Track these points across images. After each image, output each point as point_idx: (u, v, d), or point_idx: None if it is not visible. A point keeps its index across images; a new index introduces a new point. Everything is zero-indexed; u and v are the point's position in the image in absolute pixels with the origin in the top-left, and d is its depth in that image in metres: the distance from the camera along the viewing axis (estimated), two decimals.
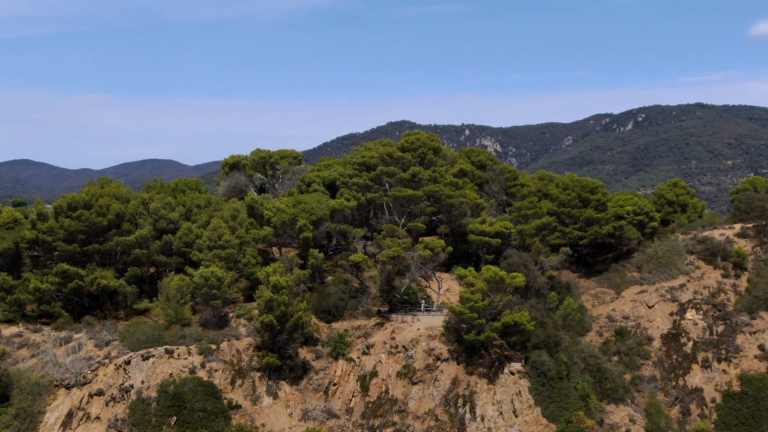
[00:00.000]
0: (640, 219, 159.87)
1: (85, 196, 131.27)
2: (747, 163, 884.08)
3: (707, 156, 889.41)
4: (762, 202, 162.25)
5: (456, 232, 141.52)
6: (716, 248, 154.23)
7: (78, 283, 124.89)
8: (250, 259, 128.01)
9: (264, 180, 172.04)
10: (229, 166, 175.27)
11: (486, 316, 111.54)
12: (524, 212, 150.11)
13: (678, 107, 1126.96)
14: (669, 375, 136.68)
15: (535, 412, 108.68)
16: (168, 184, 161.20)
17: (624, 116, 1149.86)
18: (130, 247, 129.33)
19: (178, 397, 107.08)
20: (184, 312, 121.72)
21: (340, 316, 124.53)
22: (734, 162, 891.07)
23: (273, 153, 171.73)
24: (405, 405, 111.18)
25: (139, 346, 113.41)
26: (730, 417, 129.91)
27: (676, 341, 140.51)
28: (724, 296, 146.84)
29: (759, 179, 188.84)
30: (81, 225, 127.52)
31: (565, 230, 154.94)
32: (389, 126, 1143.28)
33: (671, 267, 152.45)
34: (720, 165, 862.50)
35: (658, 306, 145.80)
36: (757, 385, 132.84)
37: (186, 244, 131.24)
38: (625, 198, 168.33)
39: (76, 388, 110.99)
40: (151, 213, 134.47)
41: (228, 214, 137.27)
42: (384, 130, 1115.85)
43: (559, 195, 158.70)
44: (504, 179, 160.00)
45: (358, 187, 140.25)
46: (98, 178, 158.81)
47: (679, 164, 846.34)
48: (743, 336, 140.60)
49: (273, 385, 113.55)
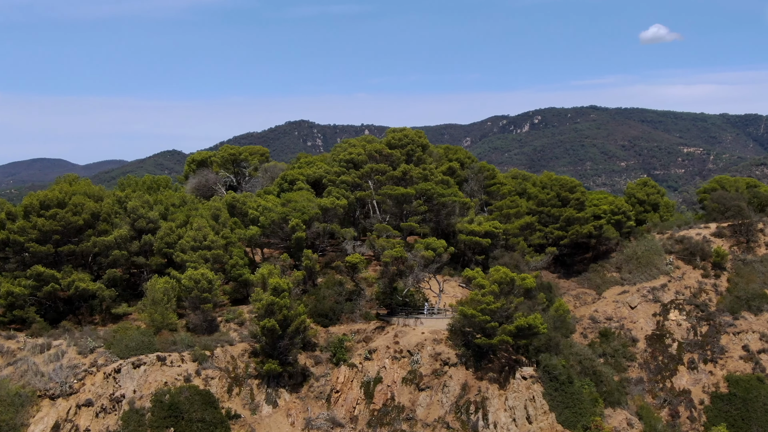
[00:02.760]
0: (617, 219, 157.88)
1: (58, 193, 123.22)
2: (640, 165, 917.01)
3: (602, 157, 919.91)
4: (738, 201, 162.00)
5: (443, 231, 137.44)
6: (695, 248, 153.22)
7: (54, 286, 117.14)
8: (238, 260, 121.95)
9: (229, 177, 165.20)
10: (196, 164, 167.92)
11: (497, 319, 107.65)
12: (506, 211, 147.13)
13: (573, 110, 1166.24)
14: (656, 377, 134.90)
15: (550, 418, 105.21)
16: (143, 181, 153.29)
17: (521, 118, 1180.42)
18: (109, 248, 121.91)
19: (174, 407, 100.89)
20: (170, 316, 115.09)
21: (337, 320, 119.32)
22: (628, 163, 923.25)
23: (242, 149, 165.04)
24: (413, 412, 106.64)
25: (129, 353, 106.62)
26: (720, 419, 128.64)
27: (661, 342, 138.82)
28: (706, 296, 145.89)
29: (726, 178, 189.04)
30: (56, 225, 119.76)
31: (544, 230, 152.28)
32: (288, 125, 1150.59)
33: (651, 267, 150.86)
34: (614, 166, 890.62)
35: (640, 307, 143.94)
36: (745, 386, 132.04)
37: (168, 244, 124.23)
38: (599, 197, 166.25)
39: (61, 399, 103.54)
40: (128, 212, 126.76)
41: (209, 213, 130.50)
42: (282, 130, 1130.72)
43: (537, 194, 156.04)
44: (483, 177, 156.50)
45: (347, 185, 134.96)
46: (64, 175, 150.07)
47: (575, 165, 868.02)
48: (727, 337, 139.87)
49: (272, 393, 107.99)
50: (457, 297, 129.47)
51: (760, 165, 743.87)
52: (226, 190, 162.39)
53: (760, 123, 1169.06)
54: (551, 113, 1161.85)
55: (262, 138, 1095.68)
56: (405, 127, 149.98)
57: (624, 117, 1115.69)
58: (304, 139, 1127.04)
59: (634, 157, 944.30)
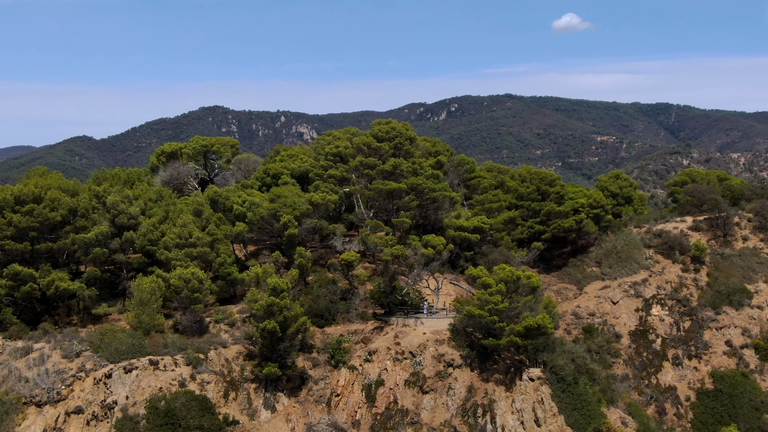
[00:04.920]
0: (596, 212, 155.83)
1: (34, 188, 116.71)
2: (555, 153, 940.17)
3: (518, 145, 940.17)
4: (713, 195, 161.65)
5: (432, 227, 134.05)
6: (673, 242, 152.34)
7: (32, 286, 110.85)
8: (226, 259, 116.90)
9: (200, 170, 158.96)
10: (166, 156, 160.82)
11: (504, 319, 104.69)
12: (488, 206, 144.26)
13: (489, 98, 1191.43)
14: (641, 373, 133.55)
15: (559, 421, 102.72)
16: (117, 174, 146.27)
17: (438, 106, 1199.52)
18: (89, 245, 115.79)
19: (170, 413, 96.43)
20: (158, 318, 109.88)
21: (332, 320, 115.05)
22: (543, 151, 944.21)
23: (213, 141, 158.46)
24: (417, 416, 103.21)
25: (119, 356, 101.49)
26: (707, 416, 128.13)
27: (645, 338, 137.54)
28: (687, 291, 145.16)
29: (696, 171, 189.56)
30: (33, 221, 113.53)
31: (525, 224, 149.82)
32: (202, 111, 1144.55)
33: (631, 261, 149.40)
34: (530, 154, 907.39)
35: (622, 302, 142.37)
36: (730, 382, 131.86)
37: (151, 241, 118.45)
38: (575, 190, 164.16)
39: (49, 406, 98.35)
40: (108, 207, 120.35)
41: (189, 208, 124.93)
42: (197, 116, 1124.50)
43: (517, 187, 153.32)
44: (463, 171, 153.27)
45: (335, 179, 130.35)
46: (34, 168, 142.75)
47: (492, 153, 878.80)
48: (710, 332, 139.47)
49: (270, 398, 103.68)
50: (450, 295, 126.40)
51: (674, 153, 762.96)
52: (198, 183, 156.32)
53: (671, 112, 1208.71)
54: (468, 101, 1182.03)
55: (175, 124, 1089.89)
56: (390, 119, 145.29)
57: (539, 105, 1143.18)
58: (219, 125, 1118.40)
59: (549, 145, 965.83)
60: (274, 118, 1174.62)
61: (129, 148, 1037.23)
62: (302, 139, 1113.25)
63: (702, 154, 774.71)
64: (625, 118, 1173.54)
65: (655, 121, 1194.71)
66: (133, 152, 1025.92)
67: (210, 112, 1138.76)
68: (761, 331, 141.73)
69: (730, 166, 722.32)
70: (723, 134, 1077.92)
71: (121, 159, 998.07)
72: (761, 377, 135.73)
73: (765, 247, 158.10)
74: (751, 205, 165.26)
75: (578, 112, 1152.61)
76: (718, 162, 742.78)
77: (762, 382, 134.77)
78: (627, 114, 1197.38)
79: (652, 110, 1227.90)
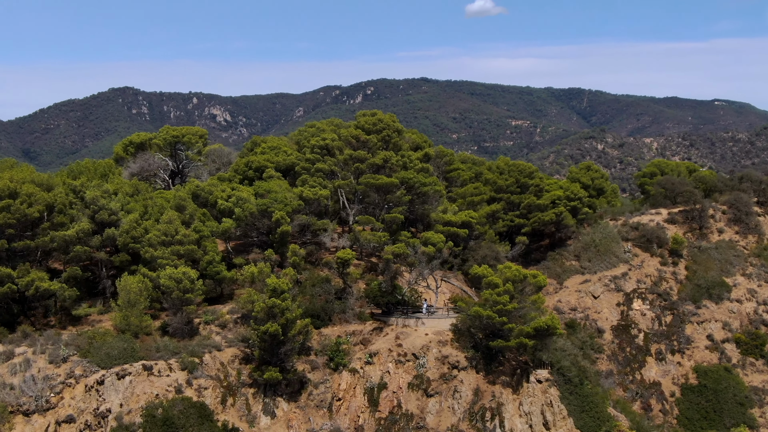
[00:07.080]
0: (573, 205, 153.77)
1: (9, 182, 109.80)
2: (471, 137, 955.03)
3: (434, 129, 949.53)
4: (688, 187, 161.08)
5: (419, 222, 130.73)
6: (651, 235, 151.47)
7: (10, 286, 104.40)
8: (214, 257, 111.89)
9: (169, 162, 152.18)
10: (135, 147, 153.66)
11: (512, 320, 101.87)
12: (470, 199, 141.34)
13: (405, 81, 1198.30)
14: (625, 369, 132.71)
15: (569, 424, 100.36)
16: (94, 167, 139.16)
17: (353, 89, 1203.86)
18: (69, 243, 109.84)
19: (168, 422, 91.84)
20: (146, 319, 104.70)
21: (329, 321, 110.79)
22: (459, 135, 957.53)
23: (184, 131, 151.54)
24: (422, 420, 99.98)
25: (110, 361, 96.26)
26: (692, 411, 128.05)
27: (627, 333, 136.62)
28: (667, 285, 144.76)
29: (664, 162, 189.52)
30: (10, 218, 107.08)
31: (505, 217, 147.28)
32: (111, 92, 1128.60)
33: (610, 255, 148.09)
34: (447, 138, 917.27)
35: (603, 296, 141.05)
36: (714, 377, 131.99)
37: (134, 239, 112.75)
38: (549, 182, 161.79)
39: (37, 415, 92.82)
40: (88, 203, 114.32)
41: (172, 203, 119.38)
42: (106, 97, 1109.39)
43: (496, 180, 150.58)
44: (443, 163, 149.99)
45: (323, 173, 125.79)
46: (2, 160, 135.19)
47: None
48: (692, 326, 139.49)
49: (270, 403, 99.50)
50: (445, 293, 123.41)
51: (589, 138, 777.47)
52: (169, 176, 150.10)
53: (583, 97, 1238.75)
54: (384, 84, 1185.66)
55: (84, 105, 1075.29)
56: (375, 110, 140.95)
57: (454, 90, 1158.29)
58: (129, 106, 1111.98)
59: (465, 129, 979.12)
60: (186, 99, 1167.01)
61: (37, 130, 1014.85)
62: (215, 121, 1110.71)
63: (616, 138, 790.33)
64: (539, 103, 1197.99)
65: (567, 105, 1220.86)
66: (41, 134, 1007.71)
67: (120, 93, 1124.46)
68: (741, 325, 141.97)
69: (643, 151, 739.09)
70: (634, 119, 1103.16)
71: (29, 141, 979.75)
72: (744, 372, 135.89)
73: (740, 240, 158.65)
74: (724, 197, 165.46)
75: (493, 97, 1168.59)
76: (631, 147, 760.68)
77: (745, 376, 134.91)
78: (540, 99, 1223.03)
79: (565, 95, 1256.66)
